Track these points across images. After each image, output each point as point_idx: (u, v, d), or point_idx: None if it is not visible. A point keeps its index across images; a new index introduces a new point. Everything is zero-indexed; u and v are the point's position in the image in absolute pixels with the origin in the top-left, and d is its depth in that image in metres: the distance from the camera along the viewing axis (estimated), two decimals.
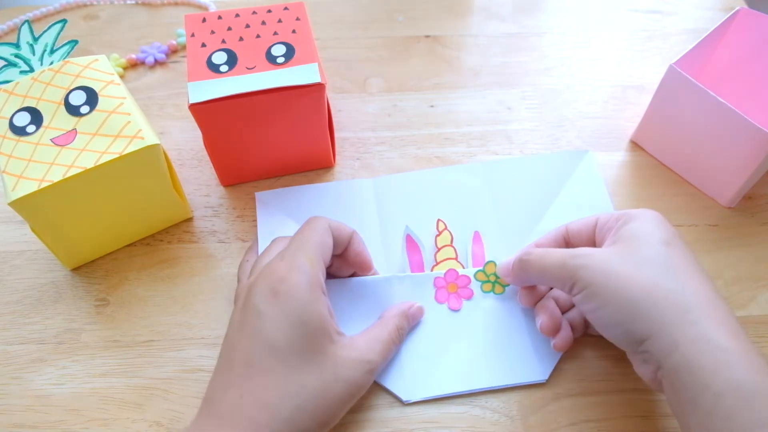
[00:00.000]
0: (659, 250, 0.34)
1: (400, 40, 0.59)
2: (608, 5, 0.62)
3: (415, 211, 0.45)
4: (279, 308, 0.33)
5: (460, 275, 0.42)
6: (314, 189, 0.47)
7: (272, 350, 0.32)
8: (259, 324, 0.33)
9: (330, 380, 0.33)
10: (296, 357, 0.32)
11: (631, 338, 0.33)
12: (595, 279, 0.33)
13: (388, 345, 0.37)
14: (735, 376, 0.29)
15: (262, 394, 0.31)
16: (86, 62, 0.42)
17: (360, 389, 0.35)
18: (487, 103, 0.54)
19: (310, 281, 0.34)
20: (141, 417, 0.38)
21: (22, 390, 0.39)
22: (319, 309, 0.34)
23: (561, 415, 0.37)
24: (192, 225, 0.46)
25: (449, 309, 0.41)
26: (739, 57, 0.49)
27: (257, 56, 0.43)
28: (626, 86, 0.55)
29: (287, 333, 0.32)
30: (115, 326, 0.41)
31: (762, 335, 0.40)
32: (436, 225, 0.44)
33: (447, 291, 0.42)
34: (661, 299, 0.32)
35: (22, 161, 0.38)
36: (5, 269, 0.44)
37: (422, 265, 0.43)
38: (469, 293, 0.42)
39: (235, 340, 0.34)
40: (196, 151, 0.50)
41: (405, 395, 0.38)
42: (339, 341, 0.34)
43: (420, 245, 0.44)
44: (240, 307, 0.35)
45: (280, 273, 0.34)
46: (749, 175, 0.43)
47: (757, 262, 0.44)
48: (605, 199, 0.46)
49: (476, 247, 0.44)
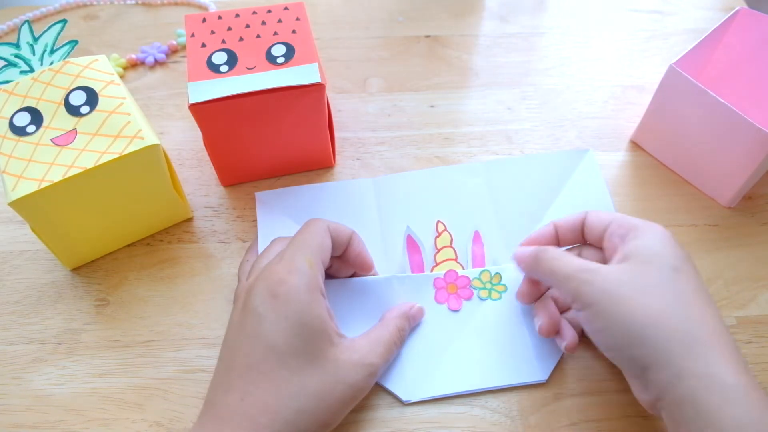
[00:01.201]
0: (668, 276, 0.32)
1: (400, 40, 0.59)
2: (608, 5, 0.62)
3: (415, 211, 0.45)
4: (278, 311, 0.33)
5: (460, 276, 0.42)
6: (314, 189, 0.47)
7: (272, 353, 0.32)
8: (259, 326, 0.33)
9: (331, 382, 0.33)
10: (296, 359, 0.32)
11: (633, 364, 0.32)
12: (599, 299, 0.33)
13: (389, 347, 0.37)
14: (739, 414, 0.28)
15: (263, 396, 0.32)
16: (86, 62, 0.42)
17: (361, 392, 0.35)
18: (487, 103, 0.54)
19: (308, 283, 0.34)
20: (141, 417, 0.38)
21: (22, 390, 0.39)
22: (318, 311, 0.34)
23: (561, 415, 0.37)
24: (192, 225, 0.46)
25: (449, 309, 0.41)
26: (739, 57, 0.49)
27: (257, 56, 0.43)
28: (626, 86, 0.55)
29: (287, 335, 0.32)
30: (115, 326, 0.41)
31: (762, 335, 0.40)
32: (436, 227, 0.44)
33: (447, 291, 0.42)
34: (667, 329, 0.31)
35: (22, 161, 0.38)
36: (5, 269, 0.44)
37: (422, 266, 0.43)
38: (468, 294, 0.42)
39: (235, 341, 0.34)
40: (196, 151, 0.50)
41: (405, 395, 0.38)
42: (340, 343, 0.34)
43: (420, 246, 0.44)
44: (239, 309, 0.35)
45: (279, 275, 0.34)
46: (749, 175, 0.43)
47: (757, 262, 0.44)
48: (606, 197, 0.46)
49: (476, 248, 0.44)
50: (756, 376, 0.38)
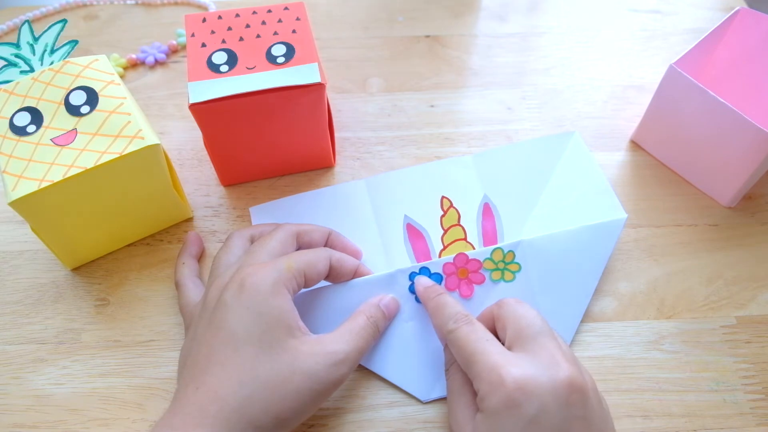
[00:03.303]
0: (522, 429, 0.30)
1: (400, 40, 0.59)
2: (608, 5, 0.62)
3: (411, 201, 0.45)
4: (242, 301, 0.33)
5: (471, 259, 0.40)
6: (307, 197, 0.46)
7: (231, 341, 0.32)
8: (224, 316, 0.33)
9: (286, 372, 0.32)
10: (251, 347, 0.32)
11: None
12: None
13: (358, 334, 0.36)
14: None
15: (214, 385, 0.31)
16: (86, 62, 0.42)
17: (326, 384, 0.33)
18: (487, 103, 0.54)
19: (277, 279, 0.34)
20: (141, 417, 0.38)
21: (22, 390, 0.39)
22: (279, 303, 0.33)
23: None
24: (192, 225, 0.46)
25: (460, 297, 0.40)
26: (739, 57, 0.49)
27: (257, 56, 0.43)
28: (626, 86, 0.55)
29: (246, 324, 0.32)
30: (116, 326, 0.41)
31: (762, 335, 0.40)
32: (440, 203, 0.43)
33: (457, 277, 0.40)
34: None
35: (22, 161, 0.38)
36: (5, 269, 0.44)
37: (428, 252, 0.42)
38: (480, 278, 0.40)
39: (204, 334, 0.34)
40: (196, 151, 0.50)
41: (422, 395, 0.38)
42: (301, 337, 0.34)
43: (423, 231, 0.43)
44: (212, 305, 0.35)
45: (252, 269, 0.34)
46: (749, 175, 0.43)
47: (757, 262, 0.44)
48: (599, 174, 0.46)
49: (487, 223, 0.42)
50: (755, 376, 0.39)
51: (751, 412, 0.37)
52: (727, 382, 0.38)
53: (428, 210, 0.44)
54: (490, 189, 0.46)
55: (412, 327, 0.39)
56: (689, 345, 0.40)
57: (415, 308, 0.40)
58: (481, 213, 0.43)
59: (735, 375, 0.39)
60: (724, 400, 0.38)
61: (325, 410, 0.38)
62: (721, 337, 0.40)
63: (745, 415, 0.37)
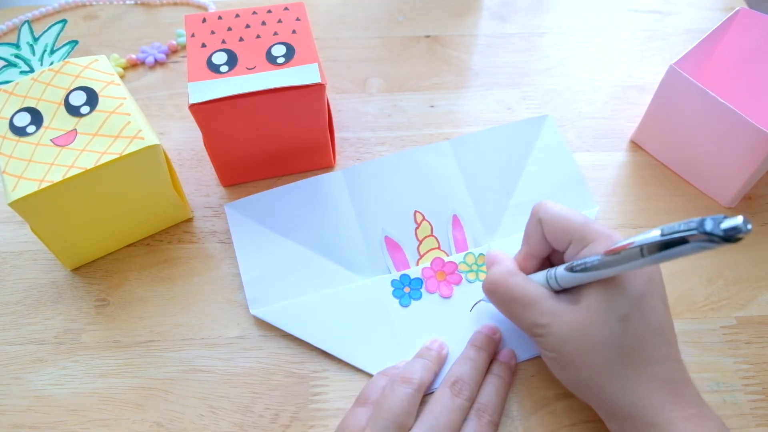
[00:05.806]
0: (613, 330, 0.32)
1: (400, 40, 0.59)
2: (608, 5, 0.62)
3: (390, 205, 0.45)
4: None
5: (447, 262, 0.43)
6: (284, 191, 0.46)
7: None
8: None
9: None
10: None
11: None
12: (557, 348, 0.33)
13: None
14: None
15: None
16: (86, 62, 0.42)
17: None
18: (487, 103, 0.54)
19: None
20: (141, 417, 0.38)
21: (22, 390, 0.39)
22: None
23: (561, 415, 0.37)
24: (192, 225, 0.46)
25: (441, 297, 0.42)
26: (739, 57, 0.49)
27: (257, 56, 0.43)
28: (626, 86, 0.55)
29: None
30: (115, 326, 0.41)
31: (762, 335, 0.40)
32: (414, 217, 0.45)
33: (436, 279, 0.42)
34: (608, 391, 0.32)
35: (22, 161, 0.38)
36: (5, 269, 0.44)
37: (407, 262, 0.43)
38: (458, 278, 0.43)
39: None
40: (196, 151, 0.50)
41: None
42: None
43: (399, 243, 0.44)
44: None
45: None
46: (749, 175, 0.43)
47: (757, 262, 0.44)
48: (570, 161, 0.48)
49: (457, 233, 0.44)
50: (755, 377, 0.39)
51: (751, 413, 0.37)
52: (727, 383, 0.38)
53: (403, 221, 0.45)
54: (468, 177, 0.46)
55: (399, 329, 0.41)
56: (689, 345, 0.40)
57: (399, 311, 0.41)
58: (451, 224, 0.44)
59: (735, 375, 0.39)
60: (724, 401, 0.38)
61: (325, 410, 0.38)
62: (721, 338, 0.40)
63: (745, 416, 0.37)
